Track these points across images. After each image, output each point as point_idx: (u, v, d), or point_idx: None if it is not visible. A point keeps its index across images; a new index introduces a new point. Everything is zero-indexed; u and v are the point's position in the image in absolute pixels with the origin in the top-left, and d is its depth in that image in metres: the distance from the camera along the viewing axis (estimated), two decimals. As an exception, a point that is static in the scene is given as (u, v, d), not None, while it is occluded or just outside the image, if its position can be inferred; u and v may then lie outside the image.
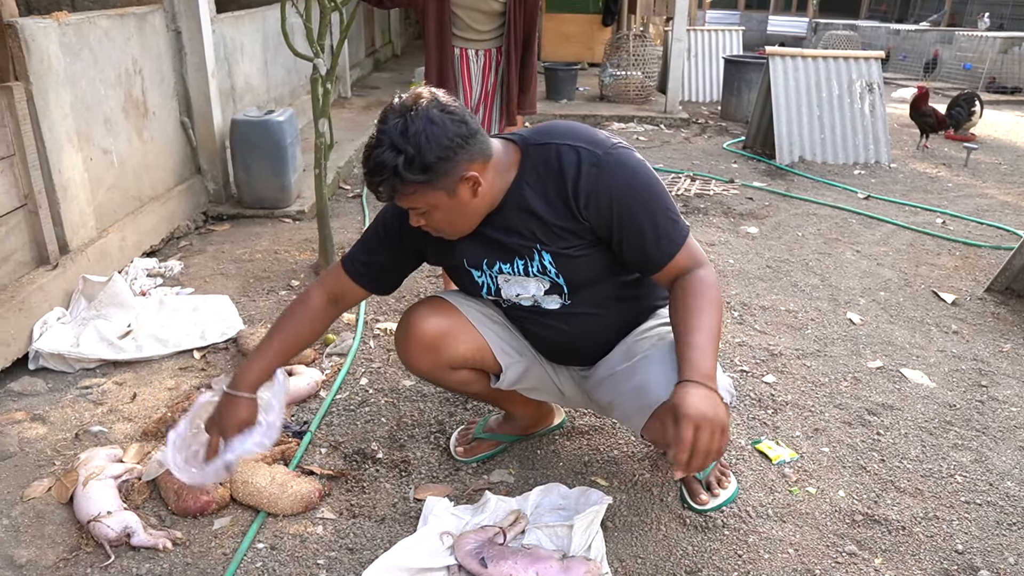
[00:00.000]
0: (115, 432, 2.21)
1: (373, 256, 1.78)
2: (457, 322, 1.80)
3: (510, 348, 1.84)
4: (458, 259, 1.73)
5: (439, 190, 1.50)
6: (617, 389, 1.70)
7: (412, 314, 1.82)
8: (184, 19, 3.79)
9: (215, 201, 4.13)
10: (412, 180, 1.46)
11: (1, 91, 2.56)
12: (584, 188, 1.55)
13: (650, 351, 1.66)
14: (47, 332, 2.60)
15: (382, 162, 1.46)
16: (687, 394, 1.40)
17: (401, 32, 11.50)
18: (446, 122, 1.46)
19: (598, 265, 1.65)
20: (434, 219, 1.58)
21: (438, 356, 1.79)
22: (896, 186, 5.06)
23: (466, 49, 2.69)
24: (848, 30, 12.64)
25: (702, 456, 1.39)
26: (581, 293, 1.70)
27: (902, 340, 2.79)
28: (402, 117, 1.46)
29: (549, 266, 1.64)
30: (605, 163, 1.55)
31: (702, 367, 1.45)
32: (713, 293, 1.56)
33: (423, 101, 1.47)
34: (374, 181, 1.50)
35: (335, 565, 1.73)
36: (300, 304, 1.78)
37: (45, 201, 2.77)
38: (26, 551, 1.75)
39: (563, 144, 1.58)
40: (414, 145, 1.44)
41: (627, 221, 1.56)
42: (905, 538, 1.80)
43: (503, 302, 1.78)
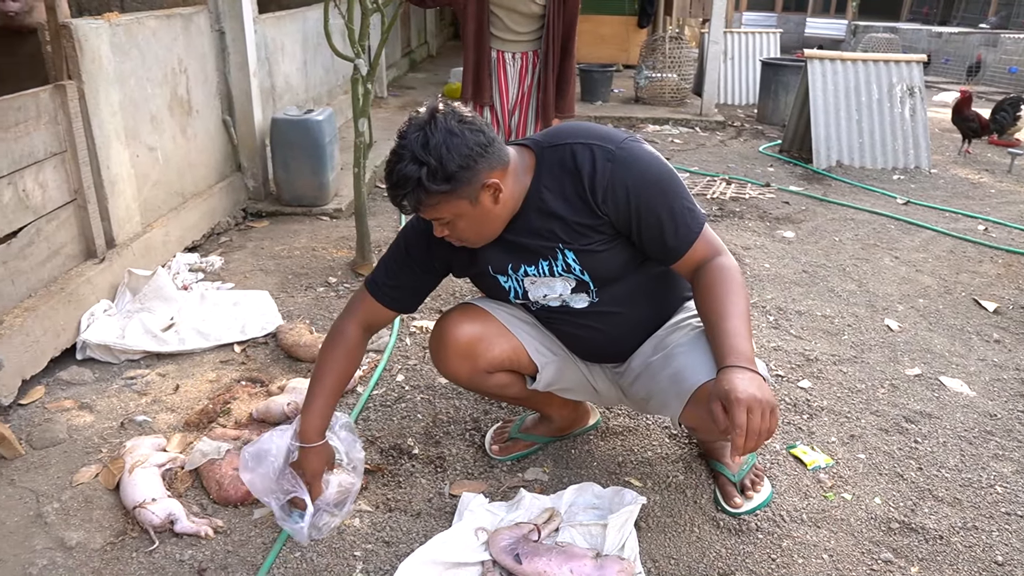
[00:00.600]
0: (158, 422, 2.27)
1: (399, 279, 1.81)
2: (490, 326, 1.82)
3: (544, 348, 1.86)
4: (483, 267, 1.76)
5: (462, 199, 1.53)
6: (653, 380, 1.71)
7: (445, 322, 1.85)
8: (228, 20, 3.86)
9: (254, 198, 4.21)
10: (436, 190, 1.49)
11: (55, 90, 2.64)
12: (600, 183, 1.58)
13: (683, 340, 1.68)
14: (94, 324, 2.68)
15: (405, 175, 1.49)
16: (734, 378, 1.41)
17: (436, 33, 11.58)
18: (465, 132, 1.50)
19: (621, 259, 1.68)
20: (458, 228, 1.61)
21: (475, 362, 1.81)
22: (936, 192, 4.98)
23: (503, 52, 2.71)
24: (888, 32, 12.45)
25: (756, 437, 1.40)
26: (607, 289, 1.72)
27: (941, 348, 2.76)
28: (421, 131, 1.49)
29: (573, 264, 1.67)
30: (619, 157, 1.58)
31: (742, 350, 1.46)
32: (737, 278, 1.58)
33: (440, 114, 1.51)
34: (398, 194, 1.53)
35: (371, 557, 1.76)
36: (337, 340, 1.81)
37: (94, 196, 2.85)
38: (75, 534, 1.81)
39: (576, 143, 1.61)
40: (435, 156, 1.47)
41: (644, 212, 1.59)
42: (943, 547, 1.78)
43: (532, 305, 1.80)
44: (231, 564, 1.74)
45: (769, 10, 16.83)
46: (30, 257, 2.55)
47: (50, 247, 2.66)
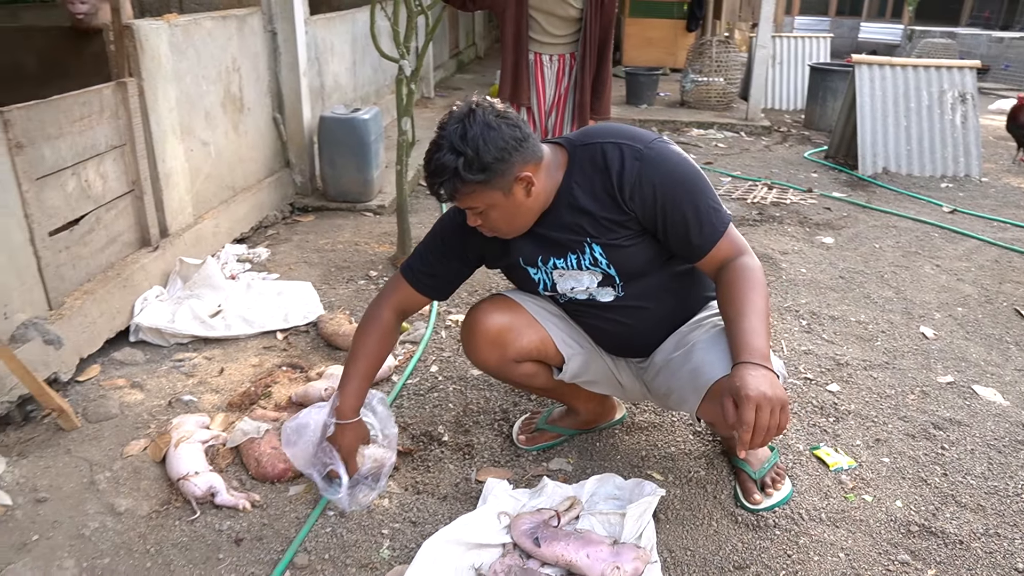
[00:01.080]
0: (203, 402, 2.39)
1: (433, 267, 1.89)
2: (520, 317, 1.89)
3: (571, 340, 1.92)
4: (514, 258, 1.83)
5: (496, 190, 1.61)
6: (674, 375, 1.76)
7: (476, 312, 1.92)
8: (280, 21, 4.00)
9: (301, 193, 4.35)
10: (471, 180, 1.57)
11: (117, 86, 2.79)
12: (628, 181, 1.64)
13: (703, 337, 1.72)
14: (147, 308, 2.82)
15: (443, 164, 1.58)
16: (746, 375, 1.45)
17: (484, 35, 11.69)
18: (501, 126, 1.58)
19: (647, 255, 1.73)
20: (491, 218, 1.68)
21: (504, 350, 1.88)
22: (986, 200, 4.88)
23: (540, 54, 2.77)
24: (946, 38, 12.15)
25: (763, 433, 1.44)
26: (633, 284, 1.77)
27: (977, 357, 2.73)
28: (460, 123, 1.58)
29: (600, 257, 1.72)
30: (647, 156, 1.64)
31: (757, 348, 1.50)
32: (759, 277, 1.62)
33: (479, 108, 1.59)
34: (435, 182, 1.61)
35: (398, 535, 1.84)
36: (372, 324, 1.90)
37: (150, 188, 3.00)
38: (124, 500, 1.93)
39: (607, 142, 1.68)
40: (472, 147, 1.55)
41: (670, 209, 1.64)
42: (962, 552, 1.78)
43: (560, 297, 1.86)
44: (266, 536, 1.83)
45: (822, 14, 16.56)
46: (90, 244, 2.70)
47: (108, 235, 2.81)
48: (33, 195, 2.36)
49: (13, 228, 2.28)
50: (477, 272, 2.01)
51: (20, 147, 2.29)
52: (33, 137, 2.36)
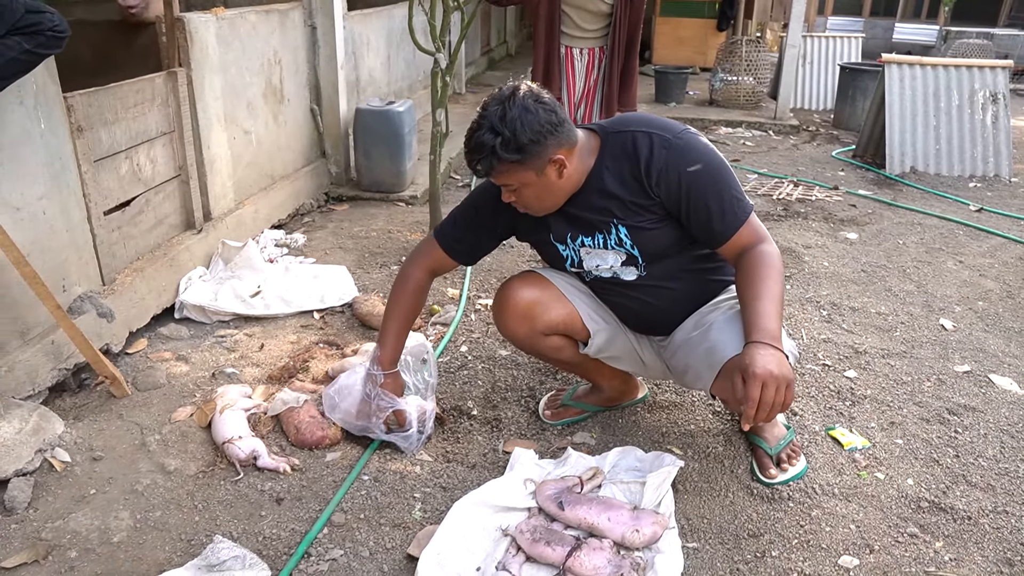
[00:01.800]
0: (245, 375, 2.52)
1: (465, 234, 2.03)
2: (549, 291, 1.99)
3: (597, 316, 2.02)
4: (545, 234, 1.94)
5: (529, 170, 1.72)
6: (691, 353, 1.85)
7: (507, 286, 2.03)
8: (319, 16, 4.14)
9: (336, 183, 4.48)
10: (506, 159, 1.69)
11: (168, 75, 2.94)
12: (655, 167, 1.74)
13: (720, 318, 1.81)
14: (191, 287, 2.96)
15: (482, 142, 1.70)
16: (755, 354, 1.54)
17: (516, 32, 11.79)
18: (539, 111, 1.69)
19: (669, 239, 1.83)
20: (524, 196, 1.80)
21: (533, 323, 1.98)
22: (1015, 200, 4.88)
23: (571, 48, 2.87)
24: (982, 39, 11.99)
25: (767, 409, 1.53)
26: (655, 265, 1.87)
27: (995, 348, 2.77)
28: (501, 105, 1.70)
29: (625, 238, 1.83)
30: (675, 145, 1.75)
31: (768, 328, 1.59)
32: (776, 264, 1.70)
33: (520, 92, 1.71)
34: (473, 158, 1.74)
35: (429, 499, 1.95)
36: (405, 283, 2.06)
37: (195, 173, 3.15)
38: (173, 461, 2.07)
39: (638, 131, 1.79)
40: (510, 129, 1.67)
41: (695, 197, 1.74)
42: (970, 527, 1.85)
43: (586, 275, 1.96)
44: (305, 496, 1.95)
45: (856, 15, 16.41)
46: (139, 224, 2.85)
47: (156, 216, 2.96)
48: (91, 176, 2.50)
49: (73, 207, 2.43)
50: (506, 257, 2.12)
51: (81, 130, 2.44)
52: (92, 122, 2.51)
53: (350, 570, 1.72)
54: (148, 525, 1.85)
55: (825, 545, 1.79)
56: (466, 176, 5.01)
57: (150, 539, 1.81)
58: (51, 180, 2.33)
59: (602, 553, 1.67)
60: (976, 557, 1.76)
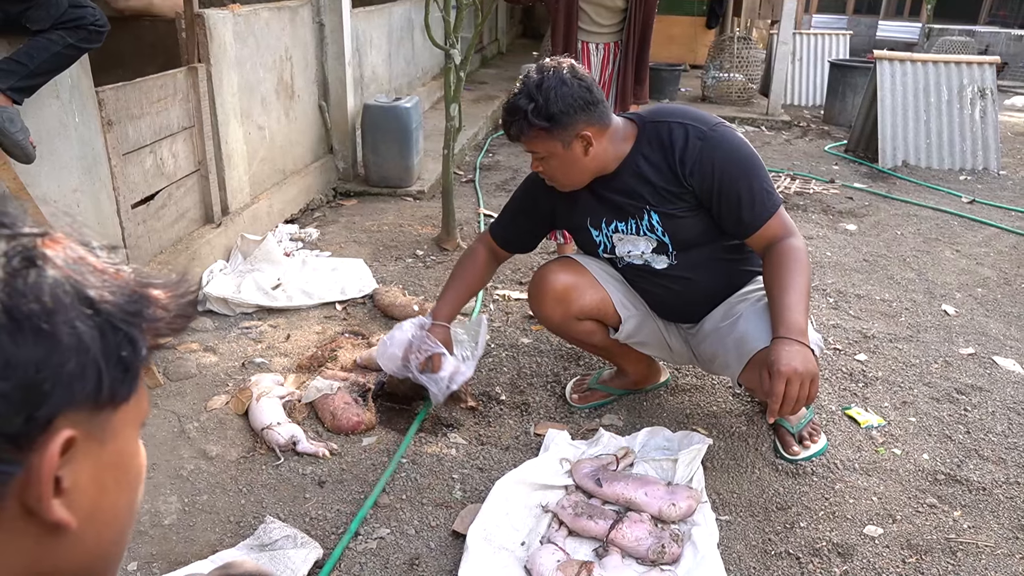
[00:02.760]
0: (274, 364, 2.57)
1: (517, 223, 2.16)
2: (583, 277, 2.07)
3: (628, 303, 2.10)
4: (582, 219, 2.02)
5: (556, 140, 1.81)
6: (720, 342, 1.93)
7: (544, 271, 2.11)
8: (327, 13, 4.19)
9: (344, 179, 4.53)
10: (536, 125, 1.78)
11: (188, 71, 2.98)
12: (690, 158, 1.82)
13: (748, 309, 1.89)
14: (213, 280, 3.01)
15: (517, 106, 1.80)
16: (781, 350, 1.63)
17: (507, 30, 11.86)
18: (574, 85, 1.78)
19: (700, 227, 1.91)
20: (550, 166, 1.89)
21: (568, 307, 2.06)
22: (1004, 192, 5.02)
23: (587, 43, 2.94)
24: (964, 36, 12.23)
25: (792, 404, 1.63)
26: (685, 253, 1.95)
27: (997, 332, 2.89)
28: (540, 73, 1.79)
29: (656, 225, 1.91)
30: (710, 137, 1.82)
31: (795, 323, 1.67)
32: (803, 258, 1.78)
33: (560, 65, 1.80)
34: (508, 120, 1.84)
35: (467, 479, 2.02)
36: (470, 256, 2.23)
37: (214, 167, 3.20)
38: (214, 447, 2.12)
39: (675, 121, 1.87)
40: (543, 96, 1.76)
41: (726, 187, 1.81)
42: (985, 497, 1.95)
43: (618, 261, 2.04)
44: (346, 479, 2.02)
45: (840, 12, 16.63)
46: (163, 218, 2.89)
47: (178, 210, 3.00)
48: (120, 169, 2.55)
49: (104, 199, 2.48)
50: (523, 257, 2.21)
51: (111, 124, 2.49)
52: (120, 116, 2.56)
53: (398, 547, 1.79)
54: (196, 508, 1.90)
55: (850, 516, 1.88)
56: (469, 172, 5.07)
57: (200, 521, 1.86)
58: (84, 173, 2.37)
59: (643, 525, 1.75)
60: (992, 525, 1.86)
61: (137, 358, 0.50)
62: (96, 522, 0.52)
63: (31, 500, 0.46)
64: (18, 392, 0.44)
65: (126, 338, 0.49)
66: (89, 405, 0.48)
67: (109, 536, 0.54)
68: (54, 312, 0.45)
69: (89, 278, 0.48)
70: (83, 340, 0.46)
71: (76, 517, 0.49)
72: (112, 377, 0.48)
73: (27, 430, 0.45)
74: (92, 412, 0.49)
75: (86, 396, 0.47)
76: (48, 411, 0.45)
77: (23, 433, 0.45)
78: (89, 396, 0.47)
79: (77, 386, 0.46)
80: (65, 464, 0.47)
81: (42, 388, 0.45)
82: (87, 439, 0.48)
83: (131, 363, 0.50)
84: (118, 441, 0.52)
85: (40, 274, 0.46)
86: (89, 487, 0.50)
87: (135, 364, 0.50)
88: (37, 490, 0.46)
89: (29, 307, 0.44)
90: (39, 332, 0.44)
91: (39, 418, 0.45)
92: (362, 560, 1.74)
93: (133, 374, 0.50)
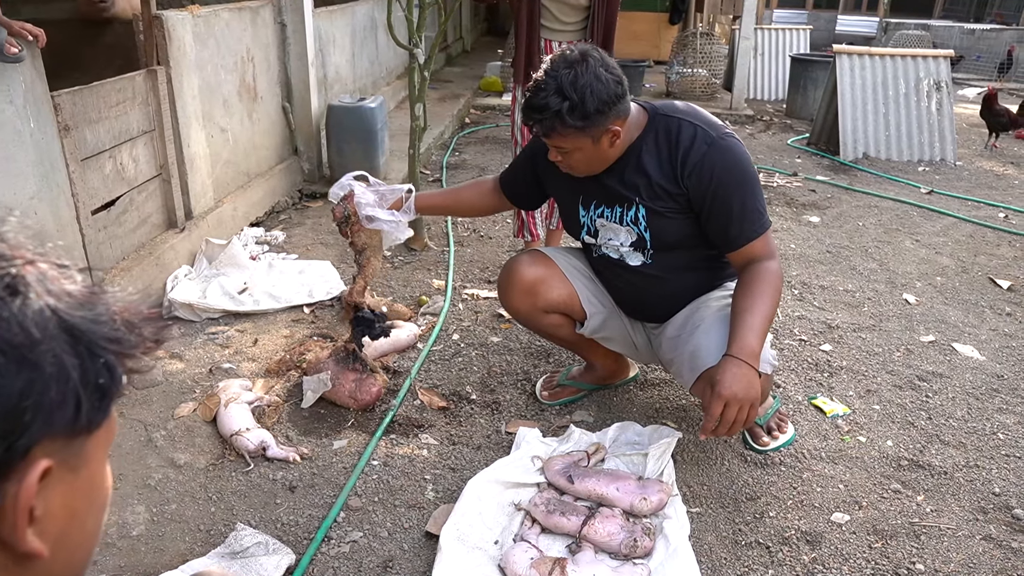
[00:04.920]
0: (242, 369, 2.55)
1: (517, 178, 2.18)
2: (552, 271, 2.08)
3: (595, 299, 2.11)
4: (575, 197, 2.01)
5: (587, 137, 1.76)
6: (677, 350, 1.94)
7: (514, 263, 2.12)
8: (289, 13, 4.14)
9: (309, 180, 4.49)
10: (570, 125, 1.71)
11: (148, 74, 2.93)
12: (692, 160, 1.80)
13: (708, 319, 1.89)
14: (178, 285, 2.97)
15: (546, 104, 1.70)
16: (727, 372, 1.65)
17: (471, 28, 11.84)
18: (609, 82, 1.71)
19: (682, 232, 1.90)
20: (573, 158, 1.84)
21: (535, 299, 2.07)
22: (960, 182, 5.14)
23: (551, 41, 2.94)
24: (920, 30, 12.47)
25: (727, 427, 1.66)
26: (661, 255, 1.95)
27: (955, 319, 2.96)
28: (572, 69, 1.69)
29: (641, 219, 1.90)
30: (717, 144, 1.80)
31: (748, 346, 1.68)
32: (776, 283, 1.78)
33: (591, 59, 1.71)
34: (534, 117, 1.75)
35: (440, 480, 2.02)
36: (477, 181, 2.29)
37: (176, 171, 3.15)
38: (182, 455, 2.09)
39: (686, 120, 1.84)
40: (580, 96, 1.68)
41: (720, 198, 1.80)
42: (947, 481, 2.00)
43: (595, 248, 2.03)
44: (317, 483, 2.00)
45: (800, 7, 16.86)
46: (124, 224, 2.84)
47: (140, 216, 2.95)
48: (78, 175, 2.50)
49: (62, 206, 2.43)
50: (486, 248, 2.21)
51: (68, 129, 2.44)
52: (78, 120, 2.51)
53: (371, 550, 1.78)
54: (165, 518, 1.87)
55: (818, 504, 1.91)
56: (435, 172, 5.05)
57: (169, 531, 1.84)
58: (41, 179, 2.32)
59: (615, 520, 1.76)
60: (954, 507, 1.90)
61: (114, 384, 0.49)
62: (65, 548, 0.51)
63: (4, 530, 0.46)
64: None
65: (104, 365, 0.48)
66: (66, 433, 0.47)
67: (79, 559, 0.54)
68: (39, 342, 0.44)
69: (69, 305, 0.47)
70: (64, 369, 0.45)
71: (46, 544, 0.48)
72: (90, 405, 0.48)
73: (7, 460, 0.44)
74: (68, 440, 0.48)
75: (64, 425, 0.47)
76: (27, 441, 0.45)
77: (2, 463, 0.44)
78: (67, 424, 0.47)
79: (57, 415, 0.46)
80: (39, 492, 0.47)
81: (23, 419, 0.44)
82: (60, 467, 0.48)
83: (108, 390, 0.49)
84: (90, 467, 0.51)
85: (24, 302, 0.45)
86: (60, 514, 0.50)
87: (112, 391, 0.49)
88: (12, 520, 0.45)
89: (14, 337, 0.43)
90: (23, 362, 0.43)
91: (18, 448, 0.44)
92: (335, 564, 1.73)
93: (109, 400, 0.50)
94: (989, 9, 17.42)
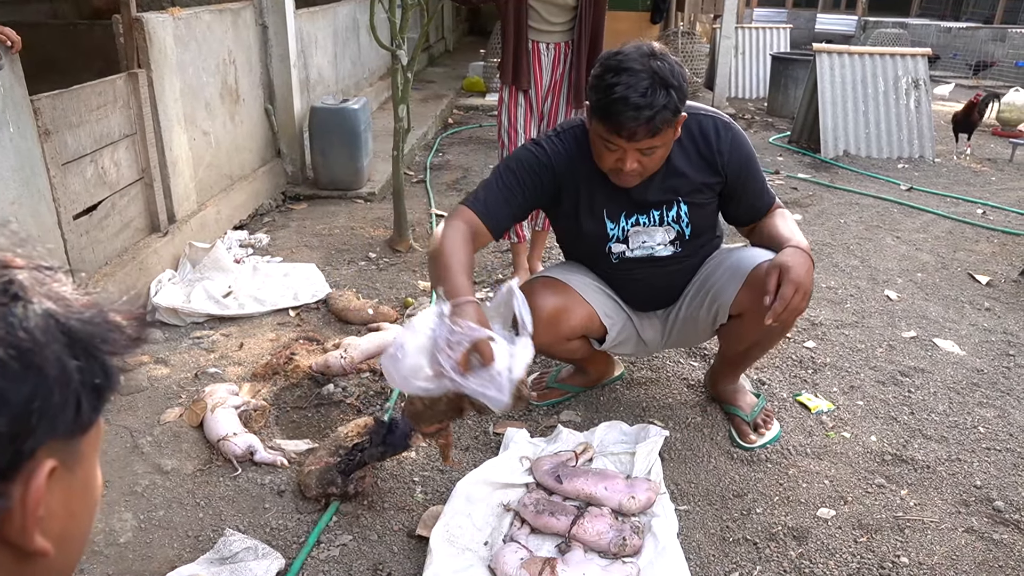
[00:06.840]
0: (228, 374, 2.53)
1: (510, 200, 1.85)
2: (569, 296, 2.02)
3: (610, 311, 2.10)
4: (599, 209, 1.93)
5: (677, 127, 1.77)
6: (708, 283, 2.00)
7: (530, 296, 1.82)
8: (270, 14, 4.12)
9: (292, 182, 4.47)
10: (680, 113, 1.72)
11: (128, 77, 2.91)
12: (724, 148, 1.89)
13: (729, 255, 2.00)
14: (162, 290, 2.95)
15: (655, 99, 1.61)
16: (797, 256, 1.73)
17: (454, 28, 11.82)
18: (683, 68, 1.73)
19: (713, 216, 2.02)
20: (656, 157, 1.76)
21: (558, 329, 2.01)
22: (939, 179, 5.20)
23: (538, 42, 2.95)
24: (898, 28, 12.61)
25: (792, 313, 1.71)
26: (693, 240, 2.00)
27: (936, 315, 3.00)
28: (657, 60, 1.66)
29: (683, 215, 1.94)
30: (733, 128, 1.92)
31: (803, 244, 1.80)
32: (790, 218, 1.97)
33: (662, 50, 1.70)
34: (645, 115, 1.60)
35: (428, 482, 2.02)
36: (454, 231, 1.77)
37: (158, 175, 3.12)
38: (169, 461, 2.08)
39: (698, 114, 1.90)
40: (678, 81, 1.67)
41: (751, 172, 1.94)
42: (929, 475, 2.03)
43: (616, 255, 2.00)
44: (306, 487, 2.00)
45: (780, 6, 17.00)
46: (106, 228, 2.82)
47: (122, 220, 2.93)
48: (59, 180, 2.48)
49: (44, 211, 2.41)
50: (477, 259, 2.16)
51: (48, 134, 2.41)
52: (58, 124, 2.48)
53: (361, 553, 1.78)
54: (153, 524, 1.86)
55: (804, 500, 1.93)
56: (420, 173, 5.05)
57: (156, 538, 1.83)
58: (22, 184, 2.30)
59: (603, 519, 1.77)
60: (937, 501, 1.93)
61: (109, 384, 0.50)
62: (65, 546, 0.52)
63: (13, 531, 0.46)
64: (8, 426, 0.44)
65: (100, 366, 0.49)
66: (67, 434, 0.48)
67: (75, 556, 0.55)
68: (43, 346, 0.45)
69: (65, 308, 0.48)
70: (66, 372, 0.46)
71: (50, 543, 0.49)
72: (88, 405, 0.48)
73: (14, 462, 0.45)
74: (67, 440, 0.49)
75: (66, 426, 0.48)
76: (33, 443, 0.45)
77: (10, 466, 0.45)
78: (68, 425, 0.48)
79: (60, 417, 0.47)
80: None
81: (31, 422, 0.45)
82: (60, 467, 0.49)
83: (104, 390, 0.50)
84: (84, 466, 0.52)
85: (26, 307, 0.45)
86: (60, 513, 0.51)
87: (107, 391, 0.50)
88: (21, 521, 0.46)
89: (21, 342, 0.44)
90: (30, 366, 0.44)
91: (25, 451, 0.45)
92: (325, 568, 1.73)
93: (104, 400, 0.51)
94: (966, 7, 17.63)
